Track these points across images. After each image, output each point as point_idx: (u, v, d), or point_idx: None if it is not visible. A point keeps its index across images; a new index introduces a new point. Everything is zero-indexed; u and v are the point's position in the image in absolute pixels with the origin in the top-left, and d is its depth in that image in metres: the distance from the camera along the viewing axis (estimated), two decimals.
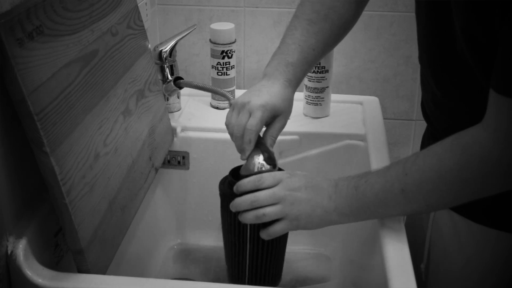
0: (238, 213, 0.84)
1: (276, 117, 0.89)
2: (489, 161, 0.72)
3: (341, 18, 0.96)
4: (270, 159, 0.85)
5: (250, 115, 0.86)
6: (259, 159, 0.85)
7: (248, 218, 0.83)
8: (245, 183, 0.82)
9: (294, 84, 0.93)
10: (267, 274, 0.88)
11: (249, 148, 0.85)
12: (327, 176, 0.87)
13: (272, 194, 0.81)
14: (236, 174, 0.89)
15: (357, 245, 1.09)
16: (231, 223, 0.87)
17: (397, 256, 0.79)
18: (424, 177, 0.75)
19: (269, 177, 0.82)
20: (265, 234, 0.84)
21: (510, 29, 0.68)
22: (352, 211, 0.81)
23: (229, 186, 0.87)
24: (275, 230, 0.83)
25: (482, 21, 0.73)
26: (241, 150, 0.86)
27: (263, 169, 0.83)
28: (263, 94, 0.88)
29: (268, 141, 0.87)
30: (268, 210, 0.81)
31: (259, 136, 0.87)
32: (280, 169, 0.89)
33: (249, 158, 0.85)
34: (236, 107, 0.88)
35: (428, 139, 0.98)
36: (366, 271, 1.01)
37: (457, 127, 0.77)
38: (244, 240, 0.86)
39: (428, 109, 0.95)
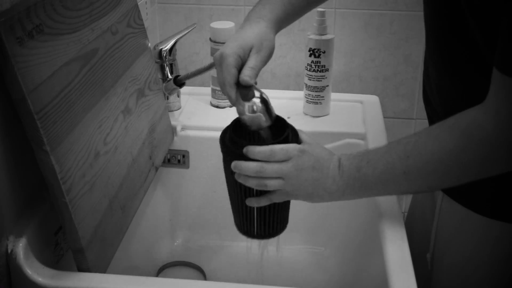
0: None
1: (249, 52, 0.86)
2: (488, 144, 0.71)
3: None
4: (261, 99, 0.83)
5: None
6: (251, 102, 0.82)
7: (249, 182, 0.82)
8: (256, 152, 0.80)
9: (271, 19, 0.90)
10: (275, 223, 0.87)
11: (231, 94, 0.83)
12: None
13: (278, 169, 0.80)
14: (237, 125, 0.86)
15: (357, 245, 1.09)
16: (236, 181, 0.85)
17: (397, 256, 0.79)
18: (425, 160, 0.75)
19: (280, 152, 0.80)
20: (265, 200, 0.83)
21: None
22: (353, 191, 0.81)
23: (231, 140, 0.84)
24: (273, 198, 0.83)
25: None
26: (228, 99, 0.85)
27: (254, 108, 0.81)
28: (229, 42, 0.86)
29: (246, 72, 0.83)
30: (271, 183, 0.81)
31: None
32: (287, 128, 0.85)
33: (238, 102, 0.83)
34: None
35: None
36: (366, 271, 1.01)
37: (455, 110, 0.75)
38: (251, 195, 0.85)
39: (430, 93, 0.93)
